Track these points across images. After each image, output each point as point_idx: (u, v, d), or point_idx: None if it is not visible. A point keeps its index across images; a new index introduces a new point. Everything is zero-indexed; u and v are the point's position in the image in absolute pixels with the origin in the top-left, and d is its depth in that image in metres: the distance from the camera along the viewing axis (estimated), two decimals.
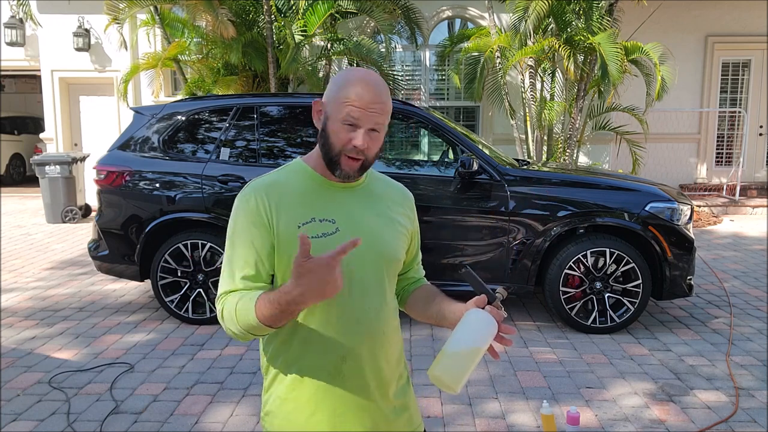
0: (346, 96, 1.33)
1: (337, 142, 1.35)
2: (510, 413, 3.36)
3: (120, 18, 8.23)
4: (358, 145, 1.33)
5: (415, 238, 1.58)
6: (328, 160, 1.38)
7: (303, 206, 1.38)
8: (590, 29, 8.06)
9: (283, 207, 1.36)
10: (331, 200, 1.40)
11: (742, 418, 3.29)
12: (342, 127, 1.34)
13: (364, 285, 1.39)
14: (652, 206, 4.50)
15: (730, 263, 6.70)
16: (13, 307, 5.24)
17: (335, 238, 1.35)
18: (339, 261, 1.16)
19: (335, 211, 1.39)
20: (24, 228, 8.98)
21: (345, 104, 1.33)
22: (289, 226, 1.35)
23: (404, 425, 1.49)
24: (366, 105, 1.32)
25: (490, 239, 4.55)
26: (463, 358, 1.30)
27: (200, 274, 4.73)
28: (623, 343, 4.38)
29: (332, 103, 1.36)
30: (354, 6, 8.63)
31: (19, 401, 3.51)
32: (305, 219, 1.36)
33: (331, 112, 1.36)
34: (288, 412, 1.40)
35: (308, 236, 1.26)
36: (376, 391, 1.42)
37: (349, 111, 1.32)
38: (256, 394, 3.59)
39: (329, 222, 1.37)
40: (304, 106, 4.96)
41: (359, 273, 1.38)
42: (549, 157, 9.19)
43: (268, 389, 1.45)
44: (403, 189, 1.58)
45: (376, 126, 1.34)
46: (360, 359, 1.39)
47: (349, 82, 1.34)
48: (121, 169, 4.82)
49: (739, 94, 10.94)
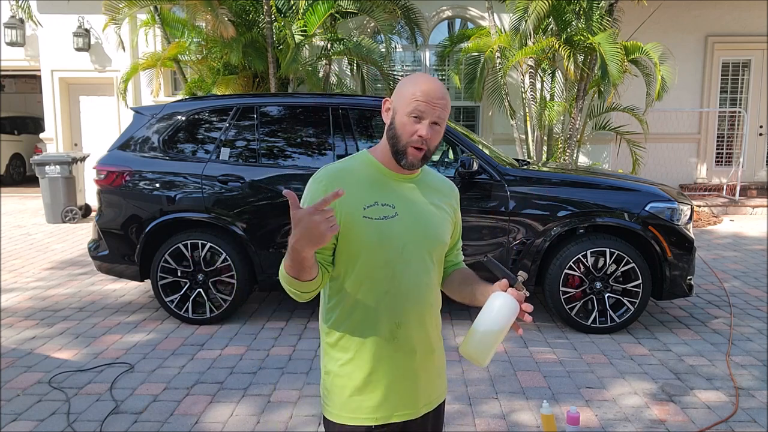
0: (413, 93, 1.52)
1: (405, 134, 1.53)
2: (510, 413, 3.36)
3: (118, 18, 8.23)
4: (423, 135, 1.51)
5: (458, 226, 1.78)
6: (395, 150, 1.56)
7: (368, 191, 1.56)
8: (590, 29, 8.07)
9: (349, 190, 1.53)
10: (392, 189, 1.59)
11: (742, 418, 3.29)
12: (409, 119, 1.52)
13: (416, 262, 1.59)
14: (652, 206, 4.50)
15: (730, 263, 6.70)
16: (13, 307, 5.24)
17: (395, 221, 1.55)
18: (322, 209, 1.31)
19: (395, 198, 1.58)
20: (24, 228, 8.98)
21: (413, 100, 1.51)
22: (355, 207, 1.53)
23: (439, 388, 1.71)
24: (431, 100, 1.51)
25: (490, 239, 4.55)
26: (488, 337, 1.49)
27: (200, 274, 4.73)
28: (623, 343, 4.38)
29: (401, 100, 1.54)
30: (354, 6, 8.63)
31: (19, 401, 3.51)
32: (369, 202, 1.55)
33: (399, 107, 1.55)
34: (350, 372, 1.58)
35: (372, 217, 1.52)
36: (422, 355, 1.63)
37: (416, 105, 1.51)
38: (256, 394, 3.60)
39: (389, 207, 1.56)
40: (304, 106, 4.96)
41: (413, 252, 1.58)
42: (549, 157, 9.19)
43: (328, 351, 1.63)
44: (450, 183, 1.78)
45: (438, 120, 1.53)
46: (410, 326, 1.59)
47: (417, 82, 1.53)
48: (121, 169, 4.82)
49: (739, 94, 10.94)
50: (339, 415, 1.59)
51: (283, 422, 3.27)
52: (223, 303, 4.74)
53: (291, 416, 3.34)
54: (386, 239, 1.53)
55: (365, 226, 1.52)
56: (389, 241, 1.54)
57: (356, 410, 1.58)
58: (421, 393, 1.64)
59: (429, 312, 1.63)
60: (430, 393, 1.67)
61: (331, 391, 1.61)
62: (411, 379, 1.61)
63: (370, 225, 1.53)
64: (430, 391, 1.67)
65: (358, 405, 1.58)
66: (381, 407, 1.58)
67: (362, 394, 1.58)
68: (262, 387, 3.70)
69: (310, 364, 4.04)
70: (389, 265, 1.55)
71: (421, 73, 1.58)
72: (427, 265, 1.62)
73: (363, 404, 1.58)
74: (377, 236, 1.53)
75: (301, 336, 4.55)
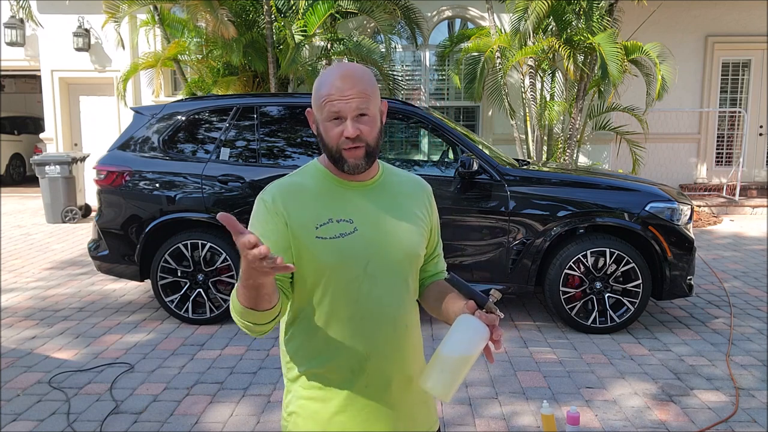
0: (323, 95, 1.35)
1: (331, 140, 1.36)
2: (510, 413, 3.36)
3: (118, 16, 8.23)
4: (349, 135, 1.33)
5: (434, 231, 1.58)
6: (332, 160, 1.39)
7: (321, 207, 1.39)
8: (590, 29, 8.06)
9: (299, 210, 1.38)
10: (347, 200, 1.42)
11: (742, 418, 3.29)
12: (330, 124, 1.36)
13: (385, 282, 1.41)
14: (652, 206, 4.50)
15: (730, 263, 6.70)
16: (13, 307, 5.24)
17: (354, 238, 1.38)
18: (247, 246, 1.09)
19: (353, 210, 1.41)
20: (24, 228, 8.97)
21: (324, 102, 1.35)
22: (306, 227, 1.37)
23: (423, 420, 1.50)
24: (343, 94, 1.32)
25: (490, 239, 4.55)
26: (449, 367, 1.29)
27: (200, 274, 4.73)
28: (623, 343, 4.38)
29: (316, 107, 1.39)
30: (354, 6, 8.63)
31: (19, 401, 3.51)
32: (322, 220, 1.38)
33: (317, 115, 1.39)
34: (313, 412, 1.41)
35: (326, 237, 1.35)
36: (399, 386, 1.43)
37: (328, 108, 1.34)
38: (256, 394, 3.60)
39: (346, 222, 1.39)
40: (304, 106, 4.96)
41: (380, 271, 1.40)
42: (549, 157, 9.19)
43: (291, 389, 1.46)
44: (419, 181, 1.57)
45: (361, 111, 1.34)
46: (383, 356, 1.40)
47: (324, 81, 1.36)
48: (121, 169, 4.82)
49: (739, 94, 10.94)
50: None
51: None
52: (223, 303, 4.74)
53: None
54: (346, 259, 1.36)
55: (320, 247, 1.35)
56: (349, 261, 1.36)
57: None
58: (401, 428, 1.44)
59: (405, 335, 1.44)
60: (412, 427, 1.47)
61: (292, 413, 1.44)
62: (387, 416, 1.42)
63: (326, 245, 1.36)
64: (412, 425, 1.47)
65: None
66: None
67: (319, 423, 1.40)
68: (262, 387, 3.70)
69: None
70: (351, 287, 1.37)
71: (332, 67, 1.39)
72: (397, 282, 1.42)
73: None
74: (334, 257, 1.36)
75: None
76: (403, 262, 1.44)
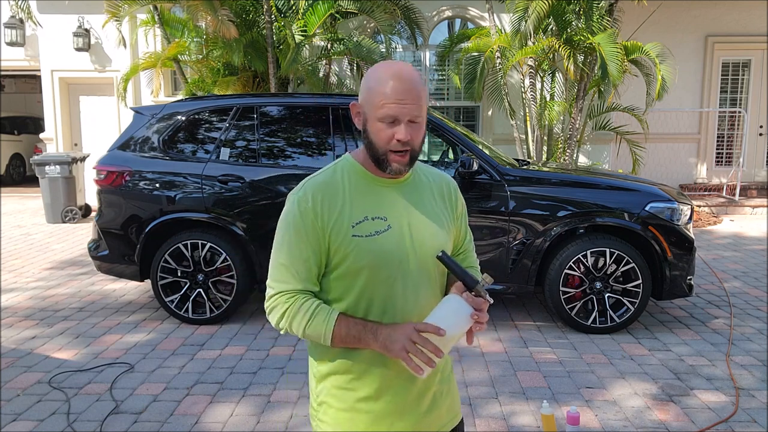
0: (380, 95, 1.36)
1: (381, 141, 1.39)
2: (510, 413, 3.36)
3: (119, 16, 8.23)
4: (401, 139, 1.36)
5: (463, 225, 1.63)
6: (376, 159, 1.42)
7: (356, 205, 1.42)
8: (590, 29, 8.06)
9: (334, 208, 1.41)
10: (382, 197, 1.45)
11: (742, 418, 3.29)
12: (381, 125, 1.37)
13: (416, 279, 1.45)
14: (652, 206, 4.50)
15: (730, 263, 6.70)
16: (13, 307, 5.24)
17: (389, 235, 1.42)
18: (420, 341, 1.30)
19: (387, 207, 1.44)
20: (24, 228, 8.97)
21: (381, 104, 1.36)
22: (342, 226, 1.40)
23: (446, 410, 1.56)
24: (401, 99, 1.35)
25: (490, 239, 4.55)
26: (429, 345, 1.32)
27: (200, 274, 4.73)
28: (623, 343, 4.37)
29: (369, 104, 1.39)
30: (354, 6, 8.63)
31: (19, 401, 3.51)
32: (358, 219, 1.41)
33: (368, 111, 1.40)
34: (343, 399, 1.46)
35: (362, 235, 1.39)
36: (427, 377, 1.47)
37: (386, 111, 1.35)
38: (256, 394, 3.59)
39: (381, 219, 1.42)
40: (304, 106, 4.96)
41: (412, 268, 1.44)
42: (549, 157, 9.19)
43: (321, 381, 1.50)
44: (446, 177, 1.63)
45: (415, 117, 1.37)
46: None
47: (382, 79, 1.37)
48: (121, 169, 4.82)
49: (739, 94, 10.94)
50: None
51: (283, 422, 3.27)
52: (223, 303, 4.74)
53: (291, 416, 3.34)
54: (381, 256, 1.40)
55: (355, 245, 1.39)
56: (384, 258, 1.40)
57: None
58: (430, 419, 1.51)
59: None
60: (441, 417, 1.53)
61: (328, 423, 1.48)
62: (415, 405, 1.48)
63: (362, 244, 1.39)
64: (437, 414, 1.53)
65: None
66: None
67: (365, 425, 1.45)
68: (262, 387, 3.70)
69: None
70: (386, 285, 1.42)
71: (387, 66, 1.39)
72: (427, 278, 1.48)
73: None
74: (370, 255, 1.39)
75: None
76: (432, 258, 1.47)
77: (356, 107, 1.45)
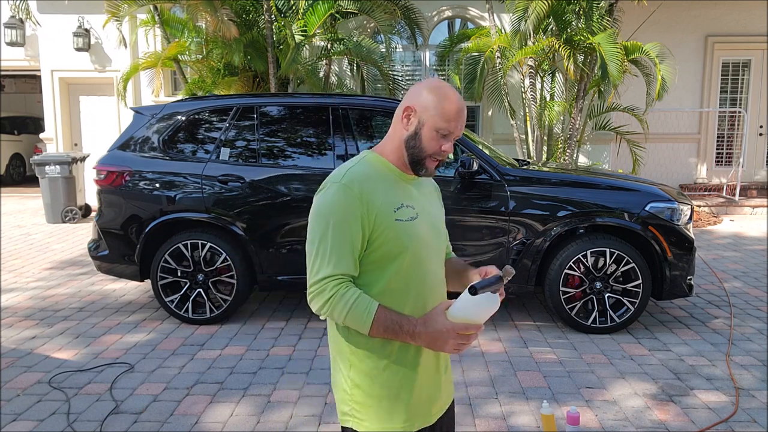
0: (448, 112, 1.54)
1: (430, 148, 1.58)
2: (510, 413, 3.36)
3: (119, 16, 8.23)
4: (448, 151, 1.59)
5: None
6: (415, 160, 1.60)
7: (391, 193, 1.58)
8: (590, 29, 8.06)
9: (377, 195, 1.55)
10: (408, 190, 1.64)
11: (742, 418, 3.29)
12: (438, 135, 1.56)
13: (435, 260, 1.66)
14: (652, 206, 4.50)
15: (730, 263, 6.70)
16: (13, 307, 5.24)
17: (418, 222, 1.60)
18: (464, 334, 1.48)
19: (413, 198, 1.63)
20: (24, 228, 8.98)
21: (448, 120, 1.55)
22: (386, 210, 1.55)
23: (451, 386, 1.78)
24: (461, 121, 1.57)
25: (490, 239, 4.55)
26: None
27: (200, 274, 4.73)
28: (623, 343, 4.37)
29: (432, 114, 1.55)
30: (354, 6, 8.63)
31: (19, 401, 3.51)
32: (397, 205, 1.57)
33: (428, 119, 1.56)
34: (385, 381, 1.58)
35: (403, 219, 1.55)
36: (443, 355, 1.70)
37: (449, 127, 1.55)
38: (256, 394, 3.59)
39: (411, 208, 1.60)
40: (304, 106, 4.96)
41: (433, 250, 1.64)
42: (549, 157, 9.19)
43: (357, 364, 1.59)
44: (434, 181, 1.87)
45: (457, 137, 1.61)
46: None
47: (449, 98, 1.55)
48: (121, 169, 4.82)
49: (739, 94, 10.94)
50: (380, 425, 1.59)
51: (283, 422, 3.27)
52: (223, 303, 4.74)
53: (291, 416, 3.34)
54: (415, 240, 1.56)
55: (398, 228, 1.54)
56: (418, 242, 1.57)
57: (395, 418, 1.59)
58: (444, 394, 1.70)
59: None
60: (449, 391, 1.74)
61: (364, 403, 1.59)
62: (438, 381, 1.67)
63: (402, 227, 1.55)
64: (449, 389, 1.75)
65: (398, 414, 1.59)
66: (417, 412, 1.61)
67: (396, 402, 1.58)
68: (262, 387, 3.70)
69: (310, 364, 4.04)
70: (420, 266, 1.59)
71: (448, 87, 1.59)
72: (441, 260, 1.70)
73: (402, 412, 1.59)
74: (408, 238, 1.55)
75: (301, 336, 4.55)
76: (444, 243, 1.73)
77: (411, 109, 1.58)
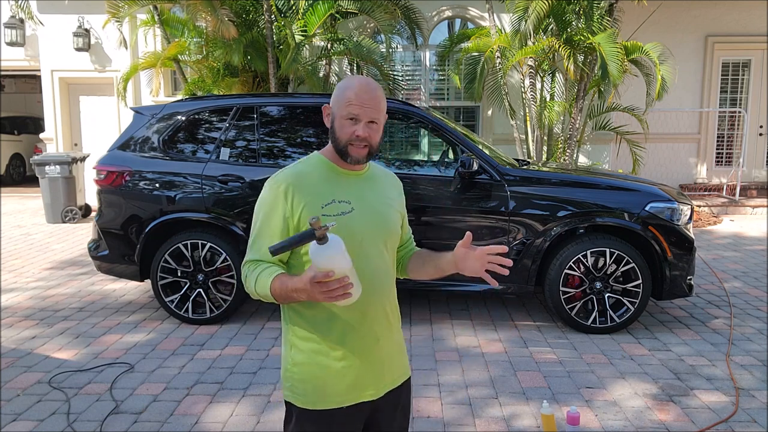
0: (347, 97, 1.65)
1: (343, 135, 1.67)
2: (510, 414, 3.36)
3: (119, 16, 8.22)
4: (360, 135, 1.65)
5: (405, 216, 1.93)
6: (338, 151, 1.70)
7: (324, 190, 1.68)
8: (590, 29, 8.06)
9: (305, 192, 1.65)
10: (346, 185, 1.71)
11: (742, 418, 3.29)
12: (346, 122, 1.66)
13: (374, 254, 1.71)
14: (652, 206, 4.50)
15: (730, 263, 6.70)
16: (13, 307, 5.24)
17: (352, 216, 1.67)
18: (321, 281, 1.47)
19: (350, 193, 1.70)
20: (24, 228, 8.98)
21: (347, 104, 1.65)
22: (313, 206, 1.64)
23: (400, 365, 1.84)
24: (363, 103, 1.64)
25: (490, 239, 4.55)
26: None
27: (200, 274, 4.73)
28: (623, 343, 4.37)
29: (337, 105, 1.68)
30: (354, 6, 8.62)
31: (19, 401, 3.51)
32: (327, 200, 1.66)
33: (336, 111, 1.69)
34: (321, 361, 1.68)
35: (330, 214, 1.63)
36: (386, 341, 1.76)
37: (350, 109, 1.65)
38: (256, 394, 3.59)
39: (346, 203, 1.68)
40: (304, 106, 4.96)
41: (371, 245, 1.70)
42: (549, 157, 9.19)
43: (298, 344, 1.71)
44: (393, 175, 1.93)
45: (373, 119, 1.66)
46: (374, 317, 1.71)
47: (349, 86, 1.66)
48: (121, 169, 4.82)
49: (739, 94, 10.94)
50: (313, 402, 1.68)
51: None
52: (223, 303, 4.74)
53: None
54: (346, 235, 1.58)
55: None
56: (349, 237, 1.59)
57: (329, 395, 1.68)
58: (386, 374, 1.77)
59: (388, 299, 1.76)
60: (393, 371, 1.79)
61: (304, 380, 1.69)
62: (377, 363, 1.73)
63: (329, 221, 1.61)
64: (393, 369, 1.79)
65: (331, 390, 1.68)
66: (351, 390, 1.69)
67: (334, 380, 1.68)
68: (262, 387, 3.70)
69: None
70: (355, 257, 1.60)
71: (356, 77, 1.69)
72: (384, 255, 1.74)
73: (335, 389, 1.68)
74: (338, 232, 1.57)
75: None
76: (388, 238, 1.76)
77: (327, 108, 1.73)
